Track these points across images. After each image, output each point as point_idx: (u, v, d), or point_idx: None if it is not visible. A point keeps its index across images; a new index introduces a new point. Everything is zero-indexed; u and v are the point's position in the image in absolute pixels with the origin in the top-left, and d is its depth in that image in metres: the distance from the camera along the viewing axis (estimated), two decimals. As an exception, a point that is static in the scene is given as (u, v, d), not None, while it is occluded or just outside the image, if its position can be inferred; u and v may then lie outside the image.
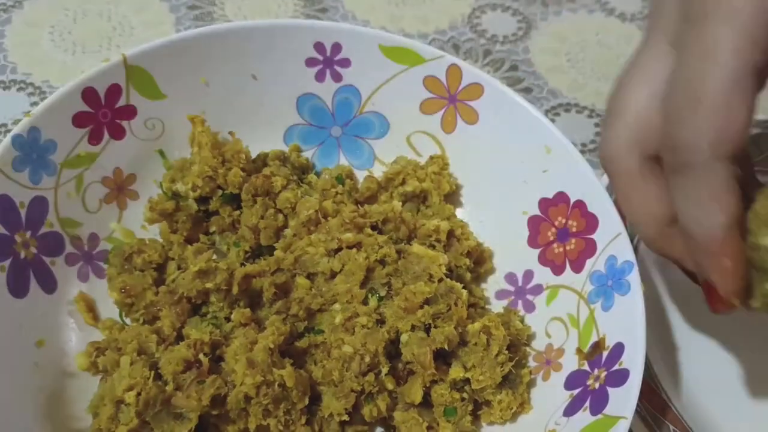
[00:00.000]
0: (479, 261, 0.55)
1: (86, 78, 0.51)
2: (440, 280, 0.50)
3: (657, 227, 0.43)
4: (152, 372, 0.44)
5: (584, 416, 0.45)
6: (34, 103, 0.65)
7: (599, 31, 0.81)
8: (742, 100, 0.36)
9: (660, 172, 0.42)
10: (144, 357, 0.45)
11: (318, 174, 0.59)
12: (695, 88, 0.37)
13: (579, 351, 0.49)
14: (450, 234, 0.54)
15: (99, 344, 0.48)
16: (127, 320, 0.51)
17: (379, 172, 0.59)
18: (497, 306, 0.55)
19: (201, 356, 0.45)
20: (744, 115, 0.36)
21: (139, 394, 0.42)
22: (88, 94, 0.51)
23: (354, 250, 0.51)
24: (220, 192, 0.54)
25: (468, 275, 0.54)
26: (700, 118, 0.37)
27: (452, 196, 0.58)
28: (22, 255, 0.48)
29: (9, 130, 0.62)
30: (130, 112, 0.54)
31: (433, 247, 0.53)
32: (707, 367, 0.55)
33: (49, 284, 0.49)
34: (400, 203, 0.55)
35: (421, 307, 0.48)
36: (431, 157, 0.59)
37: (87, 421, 0.45)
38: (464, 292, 0.49)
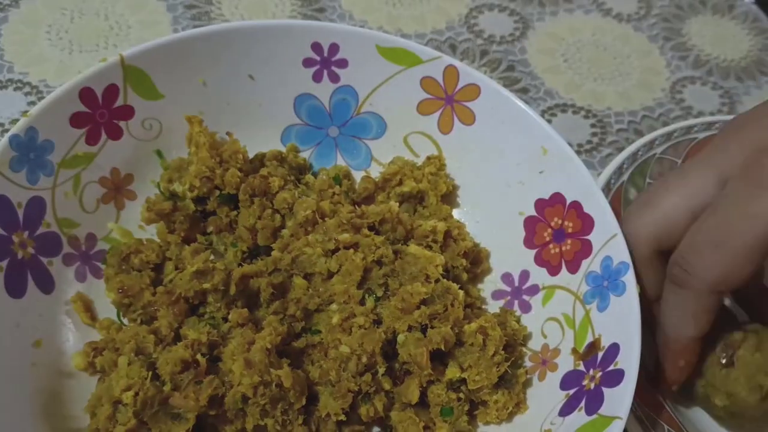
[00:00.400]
0: (476, 261, 0.56)
1: (83, 78, 0.51)
2: (437, 281, 0.50)
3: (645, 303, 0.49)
4: (150, 372, 0.44)
5: (579, 416, 0.45)
6: (31, 103, 0.65)
7: (596, 32, 0.81)
8: (757, 260, 0.43)
9: (662, 263, 0.49)
10: (141, 357, 0.45)
11: (315, 174, 0.59)
12: (725, 232, 0.43)
13: (575, 351, 0.49)
14: (447, 234, 0.54)
15: (96, 344, 0.49)
16: (125, 320, 0.51)
17: (376, 172, 0.60)
18: (494, 306, 0.55)
19: (198, 356, 0.45)
20: (746, 274, 0.44)
21: (136, 394, 0.43)
22: (85, 94, 0.51)
23: (351, 250, 0.51)
24: (217, 192, 0.54)
25: (464, 276, 0.54)
26: (715, 259, 0.44)
27: (449, 197, 0.58)
28: (20, 255, 0.48)
29: (6, 130, 0.62)
30: (127, 112, 0.54)
31: (429, 248, 0.53)
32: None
33: (46, 284, 0.49)
34: (397, 204, 0.55)
35: (418, 307, 0.48)
36: (428, 158, 0.59)
37: (84, 421, 0.45)
38: (461, 292, 0.50)
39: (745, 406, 0.49)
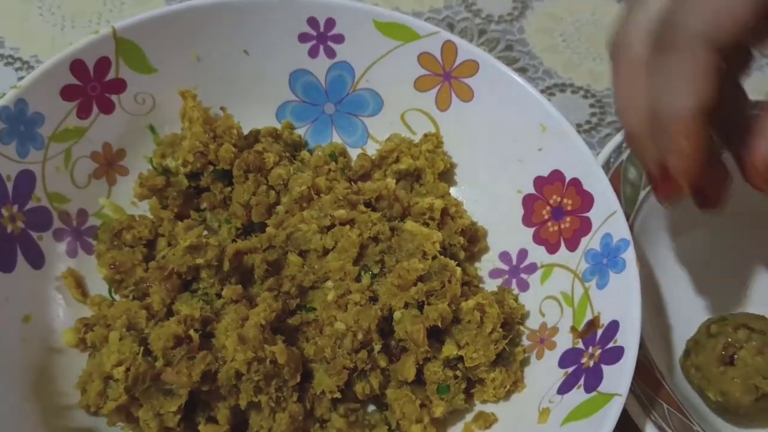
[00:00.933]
0: (473, 240, 0.55)
1: (75, 50, 0.50)
2: (434, 258, 0.49)
3: (639, 117, 0.42)
4: (141, 348, 0.43)
5: (578, 394, 0.44)
6: (22, 78, 0.64)
7: (595, 12, 0.80)
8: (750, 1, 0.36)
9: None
10: (133, 333, 0.44)
11: (311, 151, 0.59)
12: None
13: (573, 329, 0.48)
14: (444, 212, 0.53)
15: (87, 320, 0.48)
16: (117, 297, 0.50)
17: (372, 149, 0.59)
18: (491, 285, 0.54)
19: (191, 332, 0.44)
20: (746, 13, 0.37)
21: (128, 369, 0.42)
22: (76, 66, 0.50)
23: (347, 227, 0.50)
24: (211, 168, 0.53)
25: (462, 253, 0.53)
26: (700, 4, 0.37)
27: (446, 174, 0.58)
28: (9, 229, 0.47)
29: (-4, 105, 0.61)
30: (119, 85, 0.53)
31: (426, 225, 0.52)
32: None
33: (36, 259, 0.49)
34: (394, 181, 0.54)
35: (415, 284, 0.47)
36: (425, 135, 0.58)
37: (75, 397, 0.44)
38: (458, 269, 0.49)
39: (738, 406, 0.49)
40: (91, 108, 0.52)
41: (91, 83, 0.51)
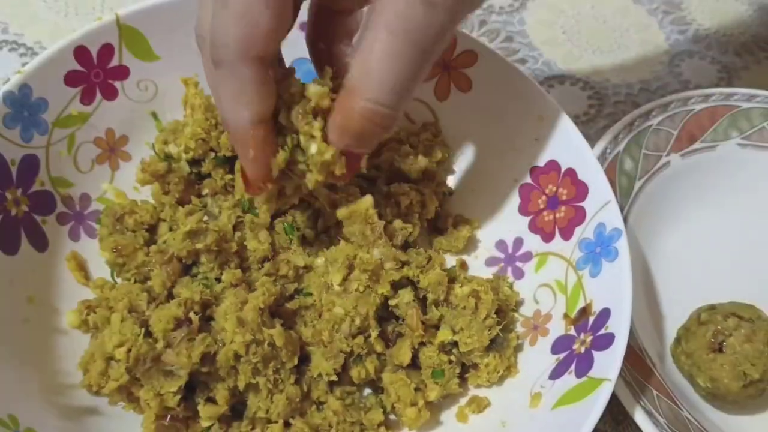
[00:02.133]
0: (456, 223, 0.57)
1: (78, 36, 0.51)
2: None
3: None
4: (143, 329, 0.44)
5: (569, 379, 0.45)
6: (26, 64, 0.64)
7: (595, 5, 0.81)
8: (264, 6, 0.37)
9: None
10: (134, 315, 0.45)
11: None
12: None
13: (566, 316, 0.49)
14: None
15: (90, 302, 0.49)
16: (119, 280, 0.51)
17: (371, 138, 0.59)
18: (487, 272, 0.55)
19: (191, 315, 0.45)
20: (267, 21, 0.38)
21: (129, 350, 0.43)
22: (80, 52, 0.51)
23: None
24: (212, 155, 0.53)
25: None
26: (227, 20, 0.38)
27: (444, 163, 0.58)
28: (13, 212, 0.48)
29: (1, 90, 0.62)
30: (122, 72, 0.53)
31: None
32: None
33: (40, 242, 0.49)
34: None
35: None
36: (424, 125, 0.59)
37: (78, 377, 0.45)
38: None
39: (727, 392, 0.50)
40: (95, 94, 0.52)
41: (95, 69, 0.52)
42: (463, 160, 0.59)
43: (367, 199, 0.50)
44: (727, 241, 0.61)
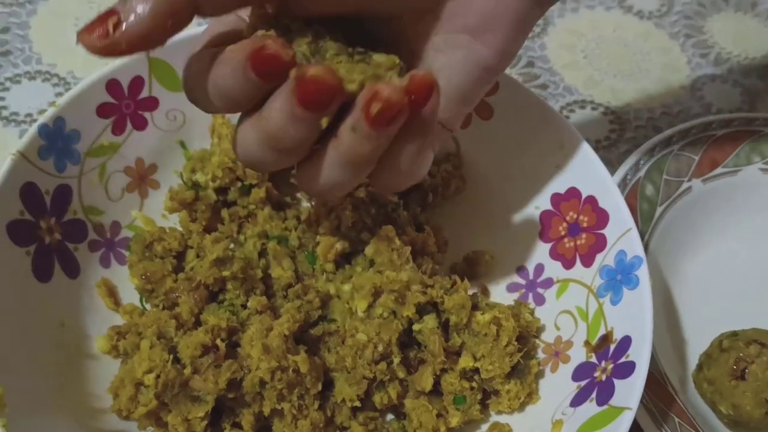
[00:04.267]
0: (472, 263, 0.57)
1: (110, 70, 0.52)
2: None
3: None
4: (171, 356, 0.45)
5: (590, 407, 0.45)
6: (59, 94, 0.67)
7: (616, 28, 0.82)
8: None
9: None
10: (163, 341, 0.47)
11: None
12: None
13: (587, 343, 0.49)
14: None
15: (120, 328, 0.50)
16: (147, 306, 0.52)
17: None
18: (508, 298, 0.56)
19: (218, 341, 0.46)
20: None
21: (158, 376, 0.44)
22: (112, 85, 0.52)
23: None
24: (239, 183, 0.55)
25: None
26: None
27: (464, 191, 0.59)
28: (47, 240, 0.49)
29: (35, 120, 0.64)
30: (152, 103, 0.55)
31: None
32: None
33: (72, 269, 0.51)
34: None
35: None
36: (447, 155, 0.59)
37: (108, 401, 0.47)
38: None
39: (749, 419, 0.50)
40: (125, 125, 0.54)
41: (126, 101, 0.53)
42: (485, 186, 0.59)
43: (387, 228, 0.51)
44: (749, 266, 0.61)
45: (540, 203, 0.56)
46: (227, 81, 0.37)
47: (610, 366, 0.46)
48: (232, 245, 0.53)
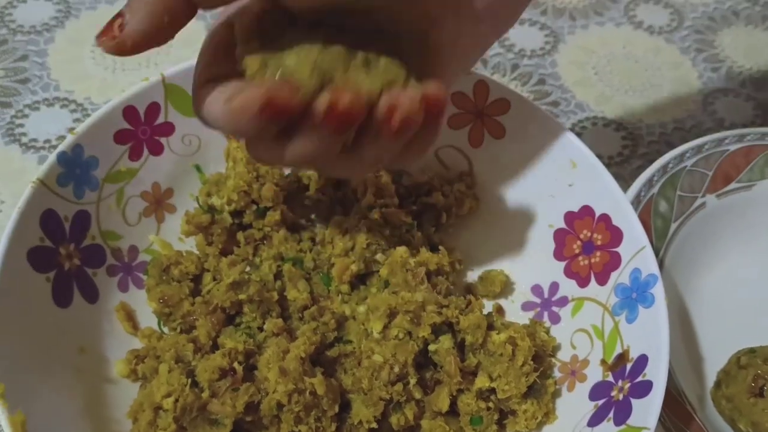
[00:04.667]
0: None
1: (127, 97, 0.53)
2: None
3: None
4: (189, 379, 0.45)
5: (608, 426, 0.45)
6: (77, 120, 0.68)
7: (626, 44, 0.82)
8: None
9: None
10: (181, 365, 0.47)
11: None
12: None
13: (603, 362, 0.49)
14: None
15: (138, 352, 0.50)
16: (165, 329, 0.53)
17: (407, 185, 0.61)
18: (523, 317, 0.56)
19: (235, 364, 0.46)
20: None
21: (176, 400, 0.44)
22: (128, 112, 0.53)
23: None
24: (254, 207, 0.55)
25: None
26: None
27: (478, 209, 0.59)
28: (66, 266, 0.50)
29: (53, 146, 0.65)
30: (168, 128, 0.56)
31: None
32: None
33: (91, 294, 0.51)
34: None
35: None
36: (460, 174, 0.60)
37: (127, 425, 0.47)
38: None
39: None
40: (142, 150, 0.55)
41: (142, 127, 0.54)
42: (498, 205, 0.60)
43: (401, 249, 0.51)
44: (765, 281, 0.61)
45: (553, 221, 0.56)
46: (241, 124, 0.37)
47: (627, 385, 0.46)
48: (248, 268, 0.54)
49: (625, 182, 0.69)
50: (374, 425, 0.47)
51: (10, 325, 0.45)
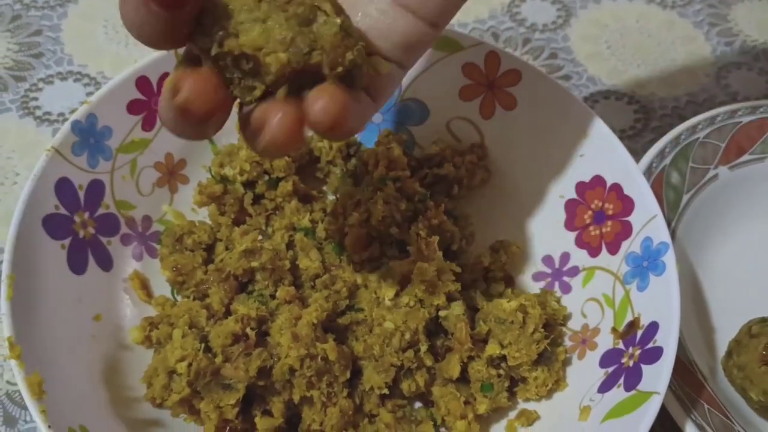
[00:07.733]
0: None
1: (140, 67, 0.53)
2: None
3: None
4: (202, 345, 0.46)
5: (618, 392, 0.46)
6: (90, 93, 0.68)
7: (639, 18, 0.81)
8: None
9: None
10: (195, 330, 0.48)
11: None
12: None
13: (614, 330, 0.49)
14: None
15: (152, 319, 0.51)
16: (179, 297, 0.53)
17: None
18: (534, 287, 0.56)
19: (248, 330, 0.47)
20: None
21: (190, 365, 0.45)
22: (141, 82, 0.54)
23: None
24: (266, 177, 0.56)
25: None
26: None
27: (490, 181, 0.59)
28: (81, 234, 0.51)
29: (67, 119, 0.65)
30: (180, 99, 0.56)
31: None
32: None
33: (105, 262, 0.52)
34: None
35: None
36: (471, 146, 0.60)
37: (141, 390, 0.48)
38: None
39: None
40: (155, 121, 0.55)
41: (155, 97, 0.55)
42: (509, 176, 0.60)
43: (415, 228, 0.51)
44: (778, 252, 0.61)
45: (565, 192, 0.56)
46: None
47: (638, 352, 0.46)
48: (260, 237, 0.54)
49: (637, 156, 0.68)
50: (385, 391, 0.48)
51: (27, 291, 0.45)
